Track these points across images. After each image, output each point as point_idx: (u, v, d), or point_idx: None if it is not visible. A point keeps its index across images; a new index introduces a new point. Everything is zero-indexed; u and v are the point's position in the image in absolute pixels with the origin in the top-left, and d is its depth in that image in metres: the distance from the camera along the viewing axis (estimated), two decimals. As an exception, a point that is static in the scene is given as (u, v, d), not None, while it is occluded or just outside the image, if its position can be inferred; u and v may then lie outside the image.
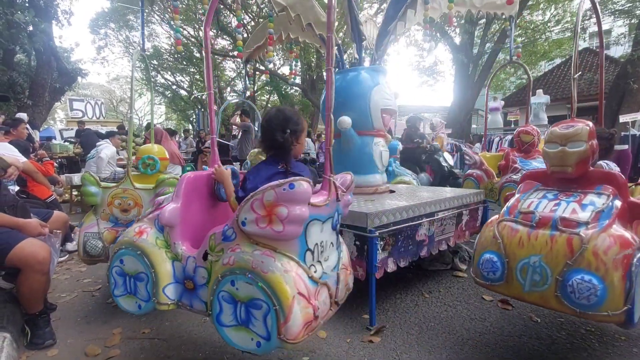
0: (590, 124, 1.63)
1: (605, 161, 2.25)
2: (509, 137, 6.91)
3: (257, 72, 18.77)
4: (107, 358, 1.79)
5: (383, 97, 2.64)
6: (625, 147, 7.54)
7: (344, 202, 1.52)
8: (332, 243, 1.46)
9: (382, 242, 2.02)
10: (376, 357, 1.75)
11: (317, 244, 1.35)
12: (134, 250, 1.52)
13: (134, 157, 2.78)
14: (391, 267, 2.11)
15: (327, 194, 1.37)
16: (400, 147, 4.20)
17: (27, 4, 8.26)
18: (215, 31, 14.43)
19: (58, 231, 2.17)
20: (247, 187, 1.43)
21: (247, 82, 4.13)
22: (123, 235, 1.63)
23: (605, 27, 14.04)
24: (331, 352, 1.80)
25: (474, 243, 1.68)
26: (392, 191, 2.92)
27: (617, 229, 1.42)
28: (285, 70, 17.31)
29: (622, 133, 8.06)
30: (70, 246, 3.61)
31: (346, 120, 2.63)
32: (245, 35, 13.86)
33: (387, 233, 2.05)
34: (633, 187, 1.78)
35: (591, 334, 1.93)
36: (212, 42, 16.53)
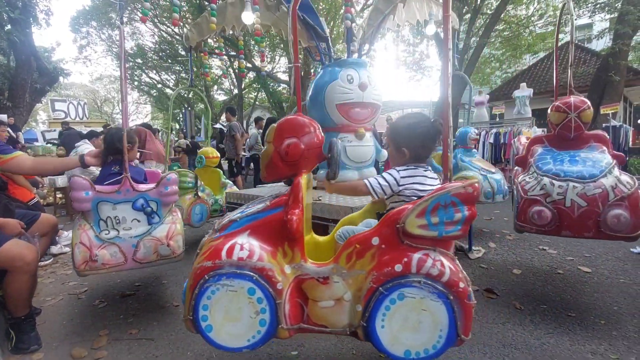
0: (281, 119, 1.40)
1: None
2: (494, 130, 6.99)
3: (246, 70, 18.63)
4: (93, 360, 1.77)
5: (338, 92, 2.63)
6: (606, 138, 7.72)
7: (157, 192, 2.10)
8: (137, 219, 2.07)
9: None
10: (365, 349, 1.77)
11: (109, 217, 2.02)
12: None
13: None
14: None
15: (119, 186, 2.04)
16: (472, 134, 3.70)
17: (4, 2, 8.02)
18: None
19: (37, 233, 2.13)
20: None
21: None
22: None
23: (585, 21, 14.35)
24: (320, 346, 1.81)
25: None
26: None
27: (230, 241, 1.30)
28: (271, 67, 17.19)
29: (603, 125, 8.28)
30: (55, 249, 3.55)
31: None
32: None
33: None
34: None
35: (573, 319, 1.99)
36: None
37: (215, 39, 4.09)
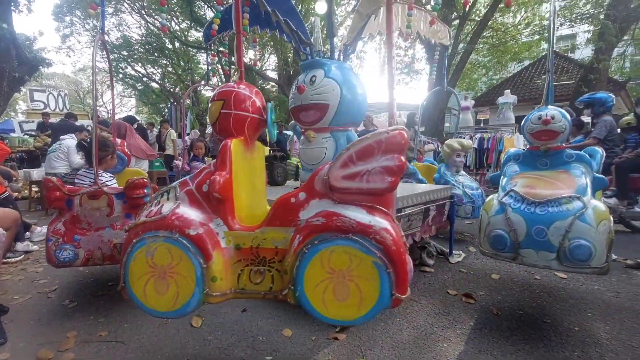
0: None
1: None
2: (478, 135, 7.10)
3: (232, 67, 18.43)
4: (59, 363, 1.70)
5: (289, 98, 2.62)
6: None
7: None
8: None
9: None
10: (341, 354, 1.75)
11: None
12: None
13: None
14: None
15: None
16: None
17: None
18: (188, 22, 14.01)
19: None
20: None
21: None
22: None
23: (569, 31, 14.71)
24: (295, 351, 1.78)
25: (441, 238, 1.69)
26: None
27: None
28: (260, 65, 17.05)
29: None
30: (20, 246, 3.41)
31: (291, 124, 2.95)
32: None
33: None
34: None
35: (548, 325, 2.01)
36: (185, 33, 16.05)
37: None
